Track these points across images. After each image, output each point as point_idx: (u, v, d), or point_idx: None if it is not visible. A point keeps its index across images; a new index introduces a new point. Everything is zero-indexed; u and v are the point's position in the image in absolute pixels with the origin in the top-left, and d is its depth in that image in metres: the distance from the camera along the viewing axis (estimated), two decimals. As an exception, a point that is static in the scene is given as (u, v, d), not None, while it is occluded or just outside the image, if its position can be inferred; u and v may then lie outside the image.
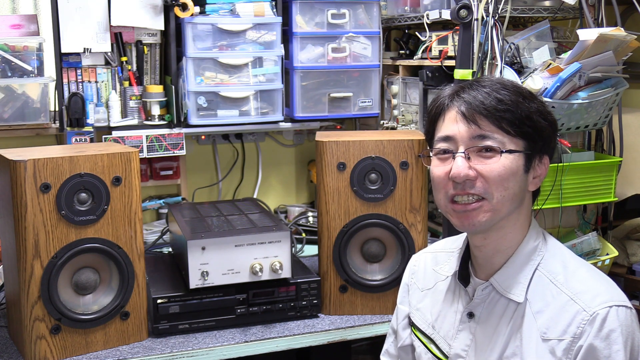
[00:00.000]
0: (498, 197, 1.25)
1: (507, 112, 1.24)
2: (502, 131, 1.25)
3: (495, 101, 1.25)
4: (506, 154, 1.24)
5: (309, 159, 2.94)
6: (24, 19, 2.41)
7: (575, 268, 1.29)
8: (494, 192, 1.25)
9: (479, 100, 1.25)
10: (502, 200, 1.25)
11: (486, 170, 1.24)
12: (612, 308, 1.20)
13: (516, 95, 1.26)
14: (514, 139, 1.25)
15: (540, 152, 1.29)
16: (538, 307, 1.26)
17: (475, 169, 1.25)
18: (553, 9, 2.27)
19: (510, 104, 1.25)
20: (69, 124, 2.37)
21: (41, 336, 1.73)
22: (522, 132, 1.25)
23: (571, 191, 2.17)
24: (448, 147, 1.28)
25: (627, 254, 2.48)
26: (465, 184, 1.25)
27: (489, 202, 1.25)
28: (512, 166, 1.25)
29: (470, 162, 1.25)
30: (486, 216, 1.26)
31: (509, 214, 1.28)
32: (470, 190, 1.25)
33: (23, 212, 1.68)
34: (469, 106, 1.25)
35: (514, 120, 1.24)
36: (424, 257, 1.54)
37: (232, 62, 2.43)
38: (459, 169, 1.24)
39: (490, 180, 1.24)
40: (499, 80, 1.29)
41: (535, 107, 1.27)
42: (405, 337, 1.52)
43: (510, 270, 1.30)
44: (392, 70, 2.72)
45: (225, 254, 1.87)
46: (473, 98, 1.26)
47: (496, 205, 1.25)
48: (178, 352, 1.80)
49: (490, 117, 1.24)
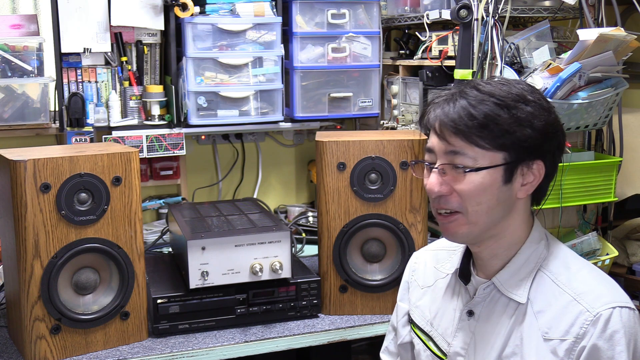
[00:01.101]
0: (472, 212, 1.25)
1: (478, 129, 1.22)
2: (475, 146, 1.23)
3: (467, 117, 1.22)
4: (475, 172, 1.23)
5: (309, 159, 2.94)
6: (24, 19, 2.41)
7: (578, 269, 1.29)
8: (468, 206, 1.25)
9: (449, 118, 1.24)
10: (477, 214, 1.26)
11: (458, 187, 1.25)
12: (615, 309, 1.20)
13: (496, 108, 1.22)
14: (489, 153, 1.23)
15: (527, 159, 1.25)
16: (540, 307, 1.26)
17: (449, 185, 1.26)
18: (553, 9, 2.27)
19: (483, 119, 1.21)
20: (69, 124, 2.37)
21: (41, 336, 1.73)
22: (499, 145, 1.23)
23: (571, 191, 2.17)
24: (429, 159, 1.30)
25: (627, 254, 2.48)
26: (440, 198, 1.27)
27: (464, 216, 1.26)
28: (483, 182, 1.24)
29: (446, 176, 1.26)
30: (464, 229, 1.27)
31: (492, 225, 1.28)
32: (445, 205, 1.27)
33: (23, 212, 1.68)
34: (441, 123, 1.25)
35: (487, 136, 1.22)
36: (425, 254, 1.54)
37: (232, 62, 2.43)
38: (432, 185, 1.27)
39: (463, 196, 1.25)
40: (489, 90, 1.25)
41: (520, 114, 1.23)
42: (404, 335, 1.52)
43: (513, 270, 1.30)
44: (392, 70, 2.72)
45: (225, 254, 1.87)
46: (445, 115, 1.25)
47: (472, 219, 1.26)
48: (178, 352, 1.80)
49: (460, 134, 1.23)
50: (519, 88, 1.26)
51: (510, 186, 1.26)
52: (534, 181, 1.27)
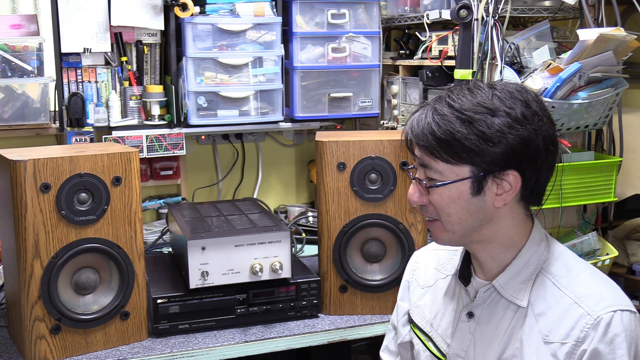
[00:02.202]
0: (445, 221, 1.29)
1: (439, 144, 1.23)
2: (440, 160, 1.24)
3: (429, 133, 1.23)
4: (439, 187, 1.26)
5: (309, 159, 2.94)
6: (24, 19, 2.41)
7: (579, 271, 1.28)
8: (442, 215, 1.29)
9: (414, 133, 1.26)
10: (450, 223, 1.29)
11: (430, 198, 1.29)
12: (616, 312, 1.19)
13: (461, 124, 1.20)
14: (455, 167, 1.24)
15: (497, 170, 1.22)
16: (540, 310, 1.26)
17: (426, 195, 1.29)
18: (553, 9, 2.27)
19: (443, 136, 1.21)
20: (69, 124, 2.37)
21: (41, 336, 1.73)
22: (463, 159, 1.22)
23: (571, 191, 2.17)
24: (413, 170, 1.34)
25: (627, 254, 2.48)
26: (421, 207, 1.32)
27: (442, 223, 1.30)
28: (450, 195, 1.25)
29: (421, 186, 1.30)
30: (443, 235, 1.32)
31: (471, 232, 1.29)
32: (425, 214, 1.32)
33: (23, 212, 1.68)
34: (407, 137, 1.29)
35: (449, 151, 1.22)
36: (426, 254, 1.54)
37: (232, 62, 2.43)
38: (410, 196, 1.32)
39: (436, 207, 1.29)
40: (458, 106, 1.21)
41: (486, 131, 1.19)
42: (404, 334, 1.53)
43: (513, 272, 1.30)
44: (392, 70, 2.72)
45: (225, 254, 1.87)
46: (411, 130, 1.27)
47: (448, 227, 1.29)
48: (178, 352, 1.80)
49: (424, 148, 1.26)
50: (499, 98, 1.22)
51: (482, 197, 1.25)
52: (511, 190, 1.24)
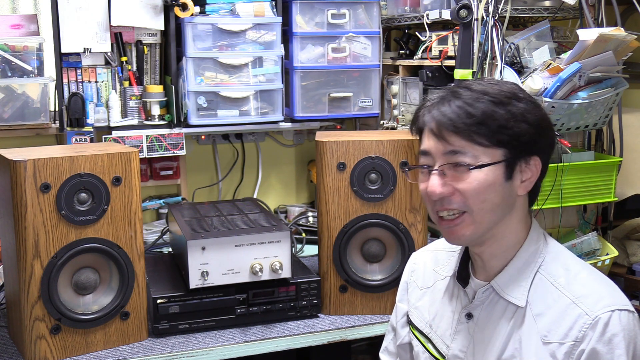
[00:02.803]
0: (477, 210, 1.25)
1: (477, 126, 1.22)
2: (475, 144, 1.23)
3: (465, 115, 1.23)
4: (478, 169, 1.23)
5: (309, 159, 2.94)
6: (24, 19, 2.41)
7: (577, 271, 1.28)
8: (472, 205, 1.25)
9: (447, 117, 1.24)
10: (481, 212, 1.25)
11: (461, 186, 1.24)
12: (614, 312, 1.19)
13: (492, 105, 1.23)
14: (489, 150, 1.23)
15: (525, 155, 1.26)
16: (539, 310, 1.26)
17: (451, 185, 1.25)
18: (553, 9, 2.27)
19: (480, 116, 1.22)
20: (69, 124, 2.37)
21: (41, 336, 1.73)
22: (498, 141, 1.23)
23: (571, 191, 2.17)
24: (426, 162, 1.29)
25: (627, 254, 2.48)
26: (443, 200, 1.26)
27: (470, 215, 1.26)
28: (487, 179, 1.23)
29: (446, 177, 1.25)
30: (469, 229, 1.27)
31: (495, 223, 1.27)
32: (449, 206, 1.26)
33: (23, 212, 1.68)
34: (438, 123, 1.25)
35: (486, 133, 1.22)
36: (424, 255, 1.54)
37: (232, 62, 2.43)
38: (433, 187, 1.26)
39: (466, 195, 1.24)
40: (481, 89, 1.25)
41: (515, 110, 1.24)
42: (403, 335, 1.52)
43: (511, 272, 1.30)
44: (392, 70, 2.72)
45: (225, 254, 1.87)
46: (442, 115, 1.25)
47: (477, 218, 1.25)
48: (178, 352, 1.80)
49: (459, 132, 1.23)
50: (509, 86, 1.28)
51: (511, 183, 1.26)
52: (532, 177, 1.28)
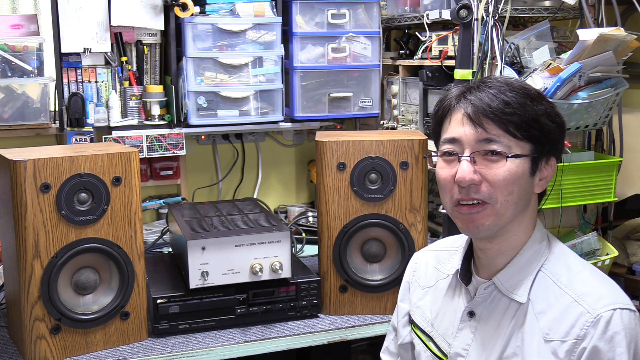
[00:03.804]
0: (502, 202, 1.24)
1: (514, 115, 1.23)
2: (509, 134, 1.23)
3: (502, 104, 1.23)
4: (512, 159, 1.23)
5: (309, 159, 2.94)
6: (24, 19, 2.41)
7: (579, 270, 1.29)
8: (499, 196, 1.24)
9: (485, 103, 1.23)
10: (505, 205, 1.25)
11: (491, 175, 1.23)
12: (616, 311, 1.20)
13: (524, 97, 1.24)
14: (520, 142, 1.24)
15: (547, 154, 1.28)
16: (540, 308, 1.26)
17: (480, 173, 1.24)
18: (553, 9, 2.27)
19: (517, 106, 1.23)
20: (69, 124, 2.37)
21: (41, 336, 1.73)
22: (529, 135, 1.24)
23: (571, 191, 2.17)
24: (454, 149, 1.27)
25: (627, 254, 2.48)
26: (470, 188, 1.25)
27: (493, 207, 1.25)
28: (517, 170, 1.24)
29: (476, 165, 1.24)
30: (490, 220, 1.26)
31: (513, 218, 1.27)
32: (475, 195, 1.25)
33: (23, 212, 1.68)
34: (476, 109, 1.24)
35: (521, 124, 1.23)
36: (426, 255, 1.54)
37: (232, 62, 2.43)
38: (464, 174, 1.24)
39: (495, 184, 1.23)
40: (505, 81, 1.27)
41: (543, 108, 1.25)
42: (405, 335, 1.53)
43: (514, 270, 1.30)
44: (392, 70, 2.72)
45: (225, 254, 1.87)
46: (479, 100, 1.24)
47: (500, 210, 1.25)
48: (178, 352, 1.80)
49: (497, 120, 1.23)
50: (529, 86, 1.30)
51: (533, 179, 1.28)
52: (548, 177, 1.30)
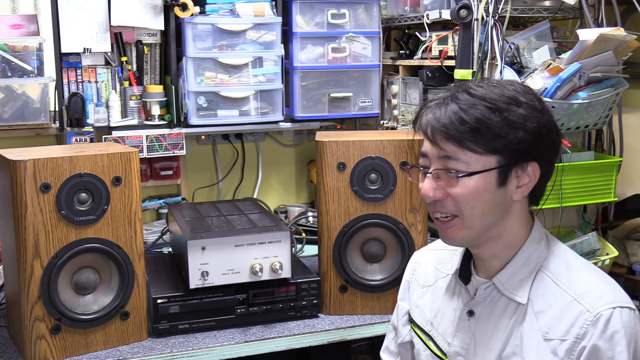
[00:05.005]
0: (467, 215, 1.25)
1: (469, 133, 1.21)
2: (469, 150, 1.22)
3: (458, 122, 1.21)
4: (468, 177, 1.23)
5: (309, 159, 2.94)
6: (24, 19, 2.41)
7: (579, 269, 1.29)
8: (463, 210, 1.25)
9: (441, 123, 1.23)
10: (472, 218, 1.25)
11: (452, 192, 1.25)
12: (616, 309, 1.20)
13: (487, 112, 1.21)
14: (482, 157, 1.22)
15: (522, 161, 1.24)
16: (540, 307, 1.26)
17: (444, 189, 1.25)
18: (553, 9, 2.27)
19: (474, 123, 1.20)
20: (69, 124, 2.37)
21: (41, 336, 1.73)
22: (494, 148, 1.22)
23: (571, 191, 2.17)
24: (424, 163, 1.30)
25: (627, 254, 2.48)
26: (436, 203, 1.27)
27: (461, 220, 1.26)
28: (477, 186, 1.23)
29: (439, 181, 1.26)
30: (461, 233, 1.27)
31: (488, 228, 1.27)
32: (441, 209, 1.27)
33: (23, 212, 1.68)
34: (432, 128, 1.25)
35: (479, 140, 1.21)
36: (426, 254, 1.54)
37: (232, 62, 2.43)
38: (426, 191, 1.27)
39: (457, 200, 1.25)
40: (481, 94, 1.23)
41: (512, 117, 1.21)
42: (405, 334, 1.53)
43: (513, 270, 1.30)
44: (392, 70, 2.72)
45: (225, 254, 1.87)
46: (436, 120, 1.24)
47: (467, 223, 1.26)
48: (178, 352, 1.80)
49: (452, 139, 1.22)
50: (511, 90, 1.25)
51: (505, 189, 1.25)
52: (530, 182, 1.27)
